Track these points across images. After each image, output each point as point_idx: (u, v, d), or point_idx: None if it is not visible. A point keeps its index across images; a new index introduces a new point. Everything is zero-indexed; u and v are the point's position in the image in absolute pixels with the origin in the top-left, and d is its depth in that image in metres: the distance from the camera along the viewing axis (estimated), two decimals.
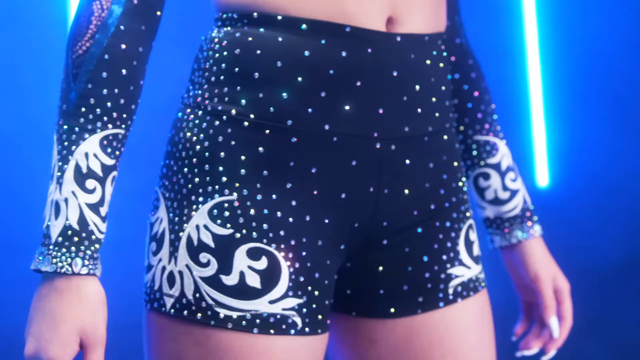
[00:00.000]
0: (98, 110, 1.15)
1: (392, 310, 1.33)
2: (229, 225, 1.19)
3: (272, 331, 1.19)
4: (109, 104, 1.16)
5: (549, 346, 1.51)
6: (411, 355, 1.34)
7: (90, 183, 1.15)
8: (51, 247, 1.12)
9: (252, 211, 1.19)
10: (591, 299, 2.83)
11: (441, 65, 1.31)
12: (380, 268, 1.32)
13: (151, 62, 1.21)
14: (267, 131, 1.20)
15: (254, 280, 1.19)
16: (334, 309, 1.35)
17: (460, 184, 1.37)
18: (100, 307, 1.14)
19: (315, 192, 1.22)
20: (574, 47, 2.94)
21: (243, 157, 1.20)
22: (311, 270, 1.22)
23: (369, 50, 1.21)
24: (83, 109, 1.15)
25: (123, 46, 1.17)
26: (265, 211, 1.20)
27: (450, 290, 1.34)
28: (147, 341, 1.25)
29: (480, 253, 1.41)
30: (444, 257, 1.34)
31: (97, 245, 1.14)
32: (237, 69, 1.21)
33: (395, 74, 1.23)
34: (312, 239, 1.22)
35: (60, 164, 1.15)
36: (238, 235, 1.19)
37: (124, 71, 1.17)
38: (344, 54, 1.20)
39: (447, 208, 1.34)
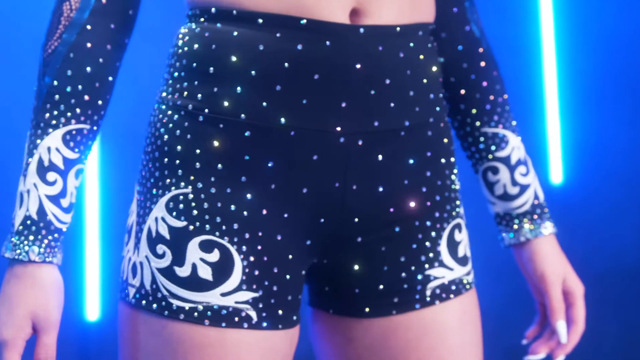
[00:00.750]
0: (62, 106, 1.22)
1: (367, 310, 1.32)
2: (183, 218, 1.21)
3: (223, 324, 1.20)
4: (72, 100, 1.22)
5: (556, 352, 1.46)
6: (387, 356, 1.32)
7: (51, 175, 1.21)
8: (13, 235, 1.20)
9: (205, 204, 1.20)
10: (607, 302, 2.81)
11: (421, 57, 1.28)
12: (356, 267, 1.30)
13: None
14: (221, 125, 1.21)
15: (205, 273, 1.20)
16: (314, 305, 1.36)
17: (447, 182, 1.33)
18: (54, 293, 1.19)
19: (272, 186, 1.21)
20: (589, 43, 2.93)
21: (198, 151, 1.21)
22: (268, 265, 1.22)
23: (327, 43, 1.20)
24: (48, 105, 1.22)
25: (88, 45, 1.23)
26: (219, 204, 1.21)
27: (428, 292, 1.32)
28: (118, 330, 1.29)
29: (469, 254, 1.38)
30: (423, 257, 1.31)
31: (56, 235, 1.21)
32: (194, 64, 1.23)
33: (358, 66, 1.21)
34: (269, 233, 1.22)
35: (27, 157, 1.22)
36: (191, 227, 1.20)
37: (88, 69, 1.23)
38: (299, 47, 1.19)
39: (428, 207, 1.31)
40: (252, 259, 1.21)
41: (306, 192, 1.23)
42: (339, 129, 1.21)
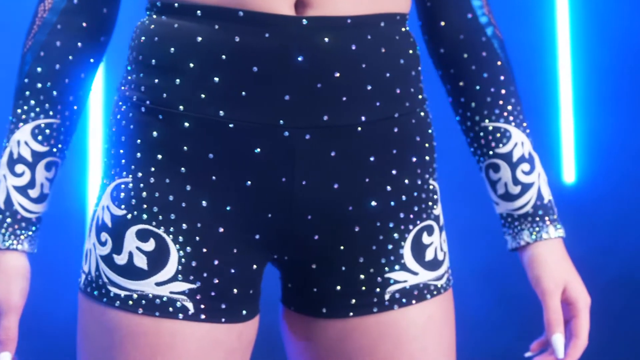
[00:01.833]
0: (32, 102, 1.29)
1: (324, 310, 1.29)
2: (123, 207, 1.23)
3: (157, 313, 1.21)
4: (41, 96, 1.29)
5: None
6: (344, 359, 1.29)
7: (19, 168, 1.28)
8: None
9: (144, 194, 1.22)
10: (619, 309, 2.78)
11: (383, 50, 1.24)
12: (314, 265, 1.28)
13: None
14: (161, 116, 1.22)
15: (141, 261, 1.21)
16: (281, 301, 1.35)
17: (418, 181, 1.28)
18: (16, 278, 1.27)
19: (213, 178, 1.21)
20: (605, 41, 2.91)
21: (139, 141, 1.23)
22: (207, 257, 1.22)
23: (266, 34, 1.19)
24: (20, 101, 1.29)
25: (58, 43, 1.29)
26: (157, 194, 1.22)
27: (387, 296, 1.28)
28: None
29: (443, 257, 1.32)
30: (383, 259, 1.27)
31: (23, 224, 1.28)
32: (140, 57, 1.25)
33: (300, 59, 1.19)
34: (209, 225, 1.22)
35: (1, 151, 1.30)
36: (129, 216, 1.22)
37: (57, 66, 1.29)
38: (237, 39, 1.19)
39: (392, 207, 1.26)
40: (189, 249, 1.21)
41: (250, 186, 1.22)
42: (282, 122, 1.20)
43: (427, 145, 1.30)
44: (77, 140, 1.36)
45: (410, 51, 1.29)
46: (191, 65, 1.20)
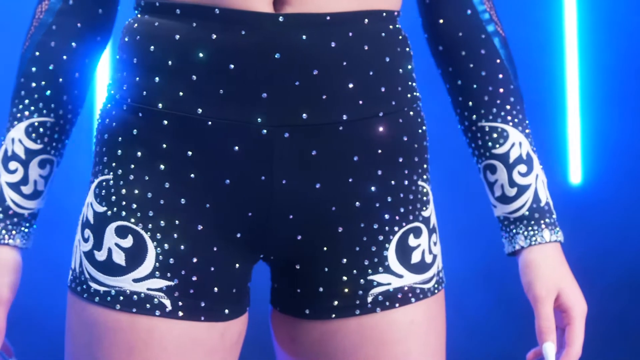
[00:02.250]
0: (26, 101, 1.31)
1: (307, 311, 1.28)
2: (104, 203, 1.24)
3: (134, 309, 1.21)
4: (35, 95, 1.31)
5: None
6: None
7: (13, 165, 1.31)
8: None
9: (123, 190, 1.23)
10: (626, 309, 2.76)
11: (366, 47, 1.22)
12: (297, 266, 1.27)
13: None
14: (140, 114, 1.23)
15: (119, 258, 1.22)
16: (270, 301, 1.35)
17: (405, 182, 1.27)
18: (5, 271, 1.29)
19: (192, 176, 1.22)
20: (612, 42, 2.89)
21: (120, 139, 1.24)
22: (185, 254, 1.22)
23: (242, 32, 1.18)
24: (16, 100, 1.32)
25: (52, 43, 1.32)
26: (136, 191, 1.22)
27: (370, 299, 1.26)
28: None
29: (432, 260, 1.29)
30: (366, 261, 1.26)
31: (15, 219, 1.31)
32: (125, 56, 1.26)
33: (277, 56, 1.18)
34: (188, 222, 1.22)
35: None
36: (109, 212, 1.23)
37: (51, 66, 1.32)
38: (214, 36, 1.19)
39: (377, 208, 1.25)
40: (166, 246, 1.22)
41: (229, 184, 1.21)
42: (260, 120, 1.19)
43: (416, 145, 1.28)
44: (81, 138, 1.36)
45: (399, 49, 1.27)
46: (170, 63, 1.20)
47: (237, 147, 1.20)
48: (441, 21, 1.36)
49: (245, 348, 1.33)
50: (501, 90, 1.35)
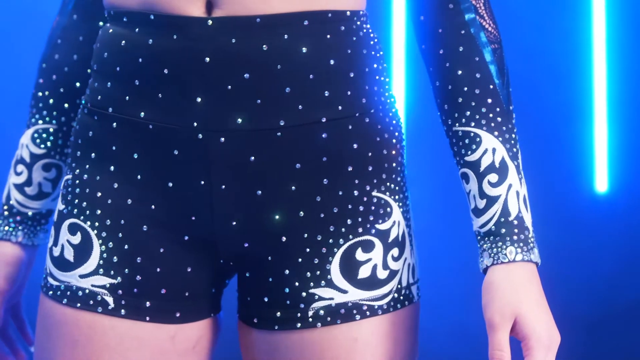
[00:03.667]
0: (34, 109, 1.44)
1: (255, 320, 1.28)
2: (63, 202, 1.31)
3: (78, 304, 1.25)
4: (40, 104, 1.43)
5: None
6: None
7: (19, 167, 1.42)
8: None
9: (78, 189, 1.28)
10: None
11: (304, 50, 1.18)
12: (247, 274, 1.28)
13: None
14: (95, 117, 1.28)
15: (69, 254, 1.27)
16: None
17: (355, 192, 1.22)
18: (3, 264, 1.39)
19: (138, 177, 1.25)
20: None
21: (79, 141, 1.30)
22: (129, 253, 1.25)
23: (174, 36, 1.20)
24: (29, 109, 1.44)
25: (56, 56, 1.43)
26: (87, 190, 1.27)
27: (310, 312, 1.23)
28: None
29: (388, 275, 1.23)
30: (308, 274, 1.23)
31: (18, 217, 1.40)
32: (91, 63, 1.32)
33: (207, 60, 1.19)
34: (133, 223, 1.25)
35: None
36: (65, 210, 1.29)
37: (54, 77, 1.42)
38: (150, 41, 1.22)
39: (322, 219, 1.22)
40: (111, 245, 1.25)
41: (172, 187, 1.24)
42: (195, 124, 1.20)
43: (370, 154, 1.23)
44: None
45: (350, 50, 1.22)
46: (117, 68, 1.25)
47: (176, 151, 1.22)
48: (422, 18, 1.28)
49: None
50: (477, 91, 1.24)
